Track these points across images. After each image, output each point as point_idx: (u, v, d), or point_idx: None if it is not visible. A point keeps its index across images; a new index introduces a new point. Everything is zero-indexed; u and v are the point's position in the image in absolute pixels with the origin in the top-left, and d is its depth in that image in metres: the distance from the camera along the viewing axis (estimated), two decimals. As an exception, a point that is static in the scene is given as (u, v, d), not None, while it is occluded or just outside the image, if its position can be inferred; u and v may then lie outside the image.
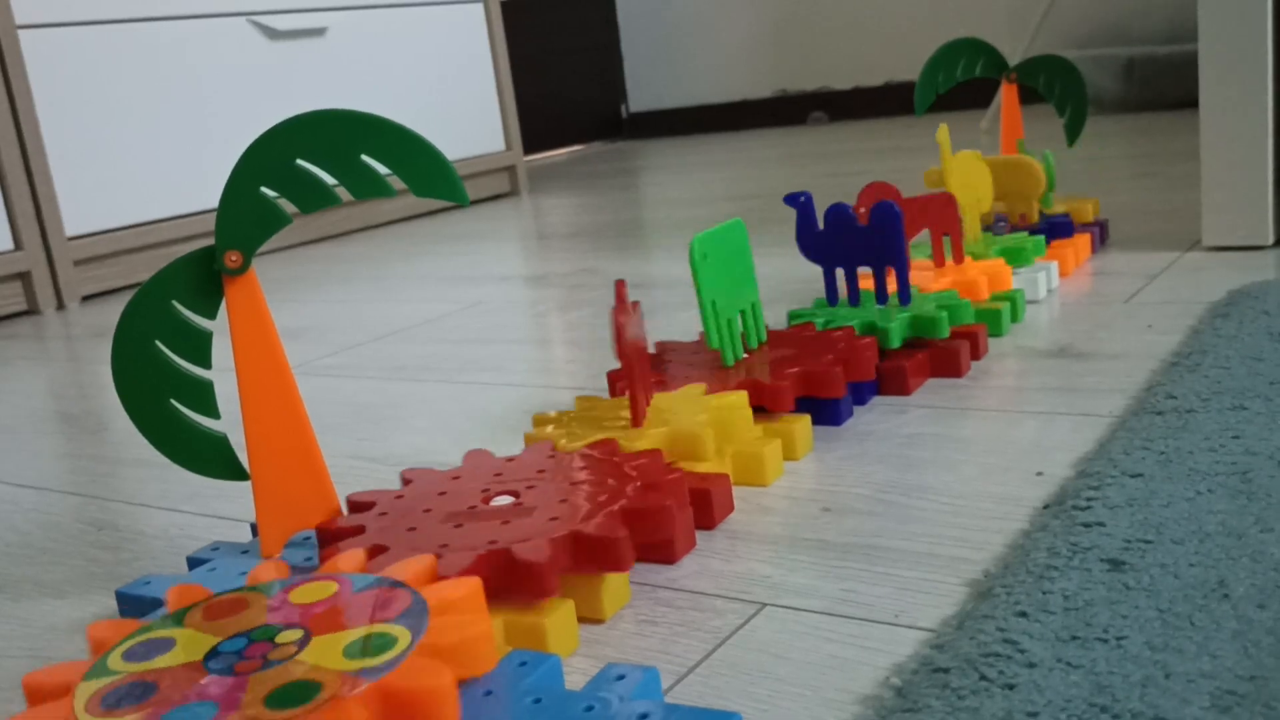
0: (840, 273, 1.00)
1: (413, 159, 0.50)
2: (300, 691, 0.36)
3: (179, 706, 0.36)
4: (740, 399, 0.63)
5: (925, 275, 0.87)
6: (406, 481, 0.57)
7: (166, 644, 0.40)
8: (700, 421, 0.60)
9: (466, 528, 0.50)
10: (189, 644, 0.40)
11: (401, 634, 0.38)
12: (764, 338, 0.75)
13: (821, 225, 0.81)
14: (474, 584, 0.41)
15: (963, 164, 0.97)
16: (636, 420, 0.62)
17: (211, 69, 1.76)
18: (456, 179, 0.51)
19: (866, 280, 0.85)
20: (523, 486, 0.54)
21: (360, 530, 0.51)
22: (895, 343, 0.74)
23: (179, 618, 0.42)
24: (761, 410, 0.67)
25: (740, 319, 0.73)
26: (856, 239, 0.79)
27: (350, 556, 0.46)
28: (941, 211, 0.87)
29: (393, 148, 0.50)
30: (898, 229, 0.77)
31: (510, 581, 0.46)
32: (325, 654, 0.37)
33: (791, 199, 0.80)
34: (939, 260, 0.88)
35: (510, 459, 0.58)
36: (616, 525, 0.48)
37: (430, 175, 0.50)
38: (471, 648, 0.38)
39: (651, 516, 0.50)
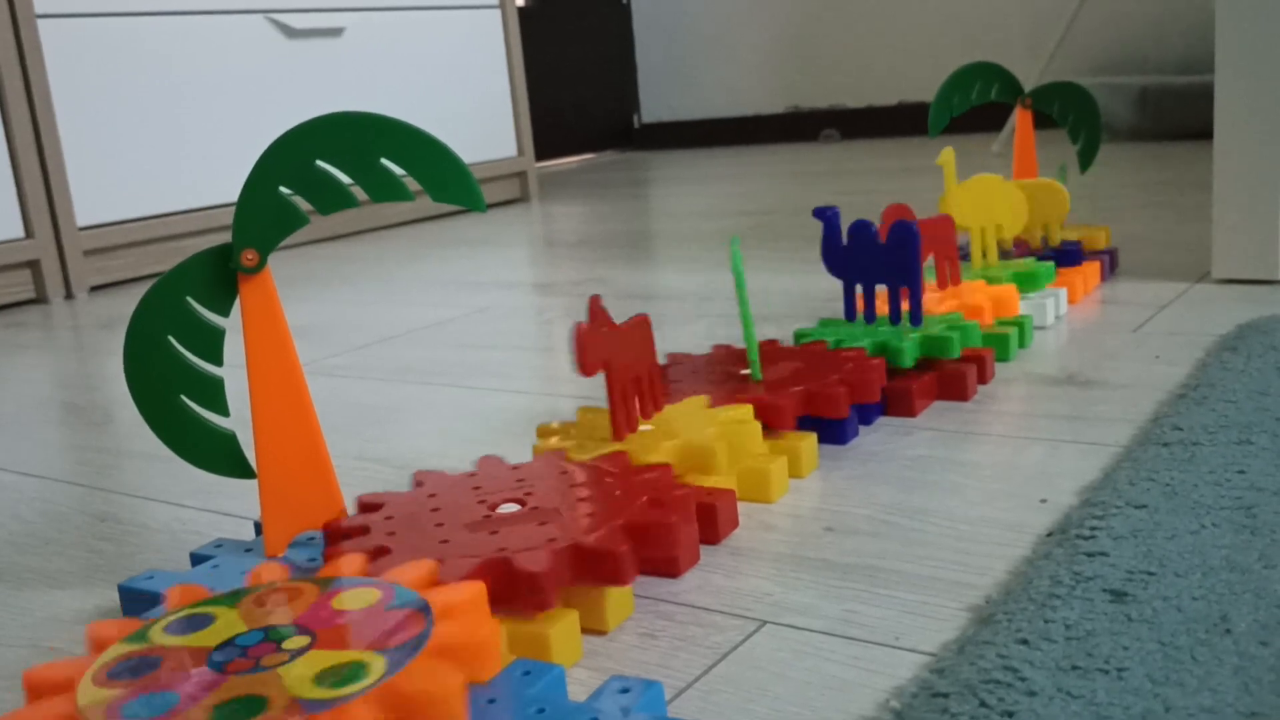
0: (858, 290, 1.00)
1: (432, 164, 0.50)
2: (244, 708, 0.36)
3: (144, 694, 0.36)
4: (747, 413, 0.64)
5: (930, 298, 0.87)
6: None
7: (205, 621, 0.41)
8: (710, 435, 0.61)
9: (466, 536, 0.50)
10: (221, 628, 0.40)
11: (375, 666, 0.37)
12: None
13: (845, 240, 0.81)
14: (478, 588, 0.42)
15: (982, 188, 0.97)
16: (617, 433, 0.62)
17: (228, 65, 1.77)
18: (475, 186, 0.51)
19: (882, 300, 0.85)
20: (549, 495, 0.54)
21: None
22: (908, 362, 0.75)
23: (237, 597, 0.43)
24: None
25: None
26: (875, 256, 0.79)
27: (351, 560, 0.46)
28: (939, 235, 0.87)
29: (412, 152, 0.50)
30: (915, 248, 0.77)
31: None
32: (303, 672, 0.38)
33: (819, 212, 0.80)
34: (941, 283, 0.89)
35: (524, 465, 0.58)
36: (619, 539, 0.48)
37: (449, 181, 0.50)
38: (477, 650, 0.39)
39: (654, 532, 0.50)
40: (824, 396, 0.67)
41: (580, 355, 0.58)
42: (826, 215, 0.80)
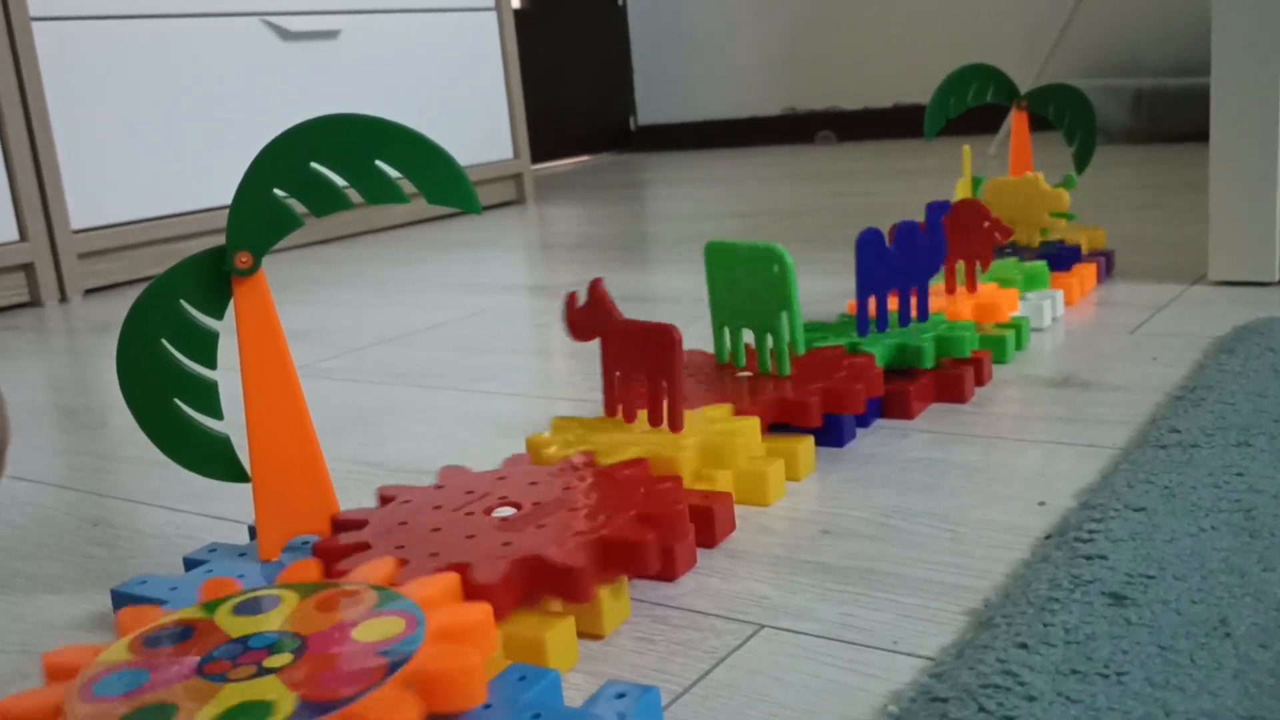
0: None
1: (428, 166, 0.50)
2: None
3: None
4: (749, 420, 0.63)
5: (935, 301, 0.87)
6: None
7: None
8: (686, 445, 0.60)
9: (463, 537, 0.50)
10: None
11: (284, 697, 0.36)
12: (779, 366, 0.72)
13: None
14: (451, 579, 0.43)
15: (1001, 189, 0.97)
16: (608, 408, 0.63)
17: (223, 67, 1.76)
18: (470, 187, 0.50)
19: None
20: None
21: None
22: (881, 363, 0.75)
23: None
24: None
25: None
26: (916, 256, 0.79)
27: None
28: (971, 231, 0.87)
29: (408, 154, 0.50)
30: (922, 248, 0.77)
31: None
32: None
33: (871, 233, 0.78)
34: (950, 286, 0.88)
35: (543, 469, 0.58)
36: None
37: (445, 183, 0.50)
38: (477, 630, 0.39)
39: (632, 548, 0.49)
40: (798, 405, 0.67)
41: (568, 318, 0.66)
42: (869, 236, 0.77)
